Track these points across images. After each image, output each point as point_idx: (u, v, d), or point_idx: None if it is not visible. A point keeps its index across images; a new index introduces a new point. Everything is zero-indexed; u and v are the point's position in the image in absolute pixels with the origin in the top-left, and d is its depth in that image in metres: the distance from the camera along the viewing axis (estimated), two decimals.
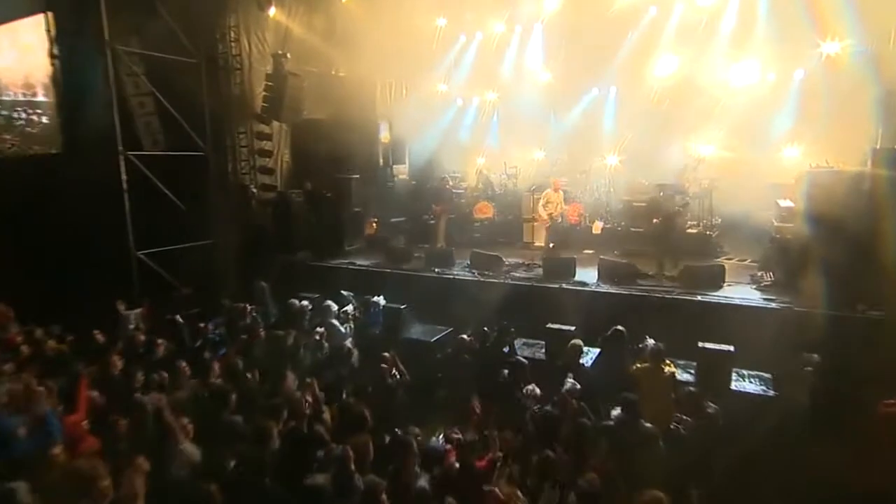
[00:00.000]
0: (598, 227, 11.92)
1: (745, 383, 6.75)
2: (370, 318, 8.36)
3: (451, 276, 9.88)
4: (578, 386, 5.84)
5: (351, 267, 10.92)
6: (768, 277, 8.49)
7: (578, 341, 6.88)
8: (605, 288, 8.92)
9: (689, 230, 10.78)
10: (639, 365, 6.08)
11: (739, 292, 8.35)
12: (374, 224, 12.80)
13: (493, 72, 14.47)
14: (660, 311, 7.94)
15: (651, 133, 12.31)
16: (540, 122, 14.07)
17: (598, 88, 13.66)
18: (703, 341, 6.89)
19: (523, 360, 6.71)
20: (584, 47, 12.97)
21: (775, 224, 8.98)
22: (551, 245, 10.79)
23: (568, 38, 13.32)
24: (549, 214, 10.97)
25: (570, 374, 6.14)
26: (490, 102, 15.66)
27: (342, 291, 9.13)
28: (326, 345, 7.26)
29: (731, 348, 6.78)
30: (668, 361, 6.05)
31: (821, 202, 7.39)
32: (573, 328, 7.65)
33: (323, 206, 11.73)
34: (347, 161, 12.60)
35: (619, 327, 6.58)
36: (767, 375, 6.73)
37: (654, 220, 9.45)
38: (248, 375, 6.07)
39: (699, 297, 8.16)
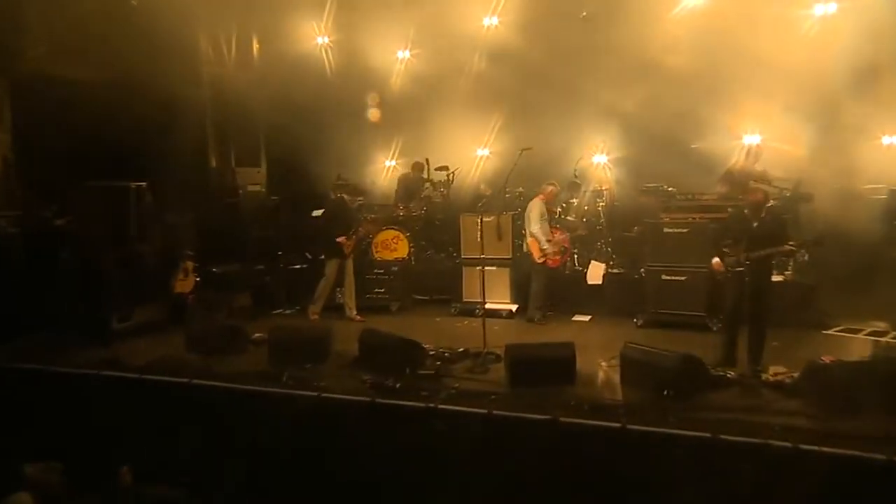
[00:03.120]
0: (597, 271, 9.44)
1: None
2: None
3: (313, 397, 6.50)
4: None
5: (105, 378, 7.21)
6: None
7: None
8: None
9: (778, 277, 8.13)
10: None
11: None
12: (189, 273, 9.73)
13: (410, 15, 12.19)
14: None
15: (660, 116, 10.20)
16: (485, 97, 11.97)
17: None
18: None
19: None
20: None
21: None
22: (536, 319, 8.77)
23: None
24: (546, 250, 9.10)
25: None
26: (404, 67, 12.93)
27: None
28: None
29: None
30: None
31: None
32: None
33: (76, 245, 8.81)
34: (138, 159, 9.71)
35: None
36: None
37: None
38: None
39: None
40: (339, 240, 9.14)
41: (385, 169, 13.19)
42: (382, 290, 9.96)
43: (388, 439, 6.09)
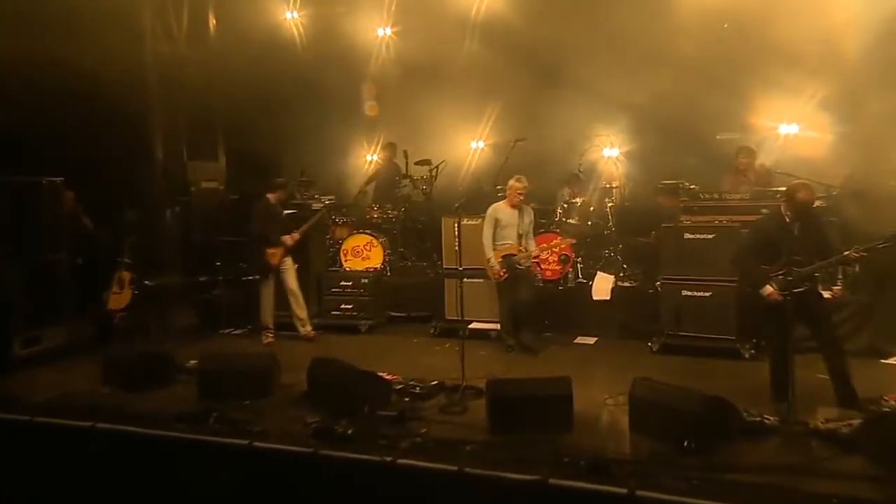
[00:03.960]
0: (604, 285, 8.89)
1: None
2: None
3: (243, 446, 5.67)
4: None
5: None
6: None
7: None
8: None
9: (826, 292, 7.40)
10: None
11: None
12: (125, 286, 9.10)
13: None
14: None
15: (680, 104, 9.87)
16: (479, 83, 11.70)
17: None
18: None
19: None
20: None
21: None
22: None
23: None
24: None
25: None
26: (385, 45, 12.64)
27: None
28: None
29: None
30: None
31: None
32: None
33: None
34: (61, 151, 9.07)
35: None
36: None
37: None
38: None
39: None
40: (269, 251, 8.49)
41: (367, 163, 12.95)
42: (350, 307, 9.38)
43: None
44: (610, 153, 10.47)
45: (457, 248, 7.78)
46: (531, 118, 11.32)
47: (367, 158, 12.85)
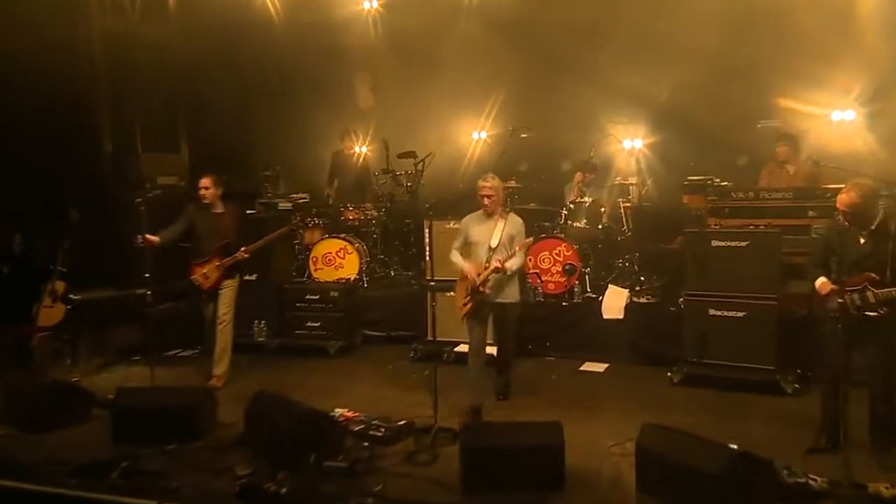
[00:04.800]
0: (617, 301, 8.42)
1: None
2: None
3: None
4: None
5: None
6: None
7: None
8: None
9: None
10: None
11: None
12: (58, 299, 8.66)
13: None
14: None
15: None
16: (479, 66, 11.36)
17: None
18: None
19: None
20: None
21: None
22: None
23: None
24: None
25: None
26: (371, 19, 12.15)
27: None
28: None
29: None
30: None
31: None
32: None
33: None
34: None
35: None
36: None
37: None
38: None
39: None
40: (195, 266, 7.60)
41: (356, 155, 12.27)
42: (318, 325, 8.81)
43: None
44: (632, 144, 10.06)
45: (427, 257, 7.36)
46: (538, 106, 11.06)
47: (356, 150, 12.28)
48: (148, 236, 7.30)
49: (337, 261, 9.53)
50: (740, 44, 9.83)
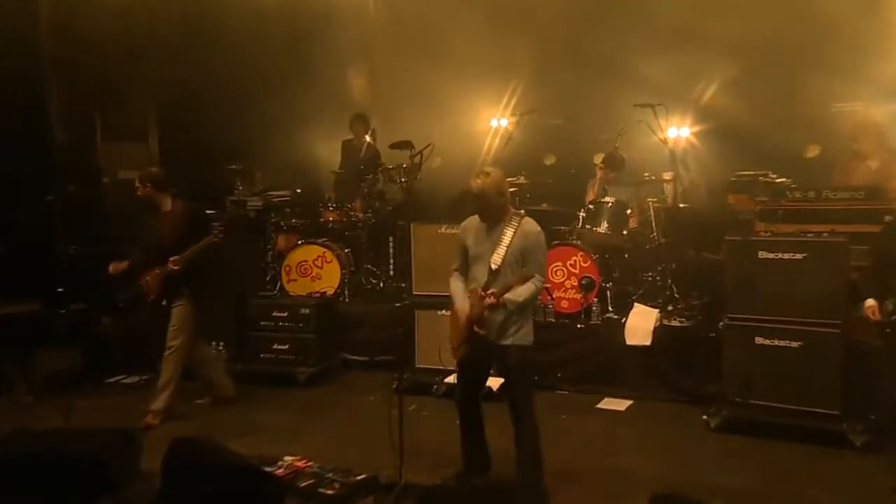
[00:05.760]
0: (643, 322, 8.03)
1: None
2: None
3: None
4: None
5: None
6: None
7: None
8: None
9: None
10: None
11: None
12: None
13: None
14: None
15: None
16: (491, 49, 11.18)
17: None
18: None
19: None
20: None
21: None
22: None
23: None
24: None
25: None
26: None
27: None
28: None
29: None
30: None
31: None
32: None
33: None
34: None
35: None
36: None
37: None
38: None
39: None
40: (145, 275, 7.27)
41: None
42: (286, 347, 8.29)
43: None
44: (677, 133, 9.65)
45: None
46: (560, 89, 10.94)
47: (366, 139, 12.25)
48: (114, 264, 7.14)
49: (314, 270, 9.20)
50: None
